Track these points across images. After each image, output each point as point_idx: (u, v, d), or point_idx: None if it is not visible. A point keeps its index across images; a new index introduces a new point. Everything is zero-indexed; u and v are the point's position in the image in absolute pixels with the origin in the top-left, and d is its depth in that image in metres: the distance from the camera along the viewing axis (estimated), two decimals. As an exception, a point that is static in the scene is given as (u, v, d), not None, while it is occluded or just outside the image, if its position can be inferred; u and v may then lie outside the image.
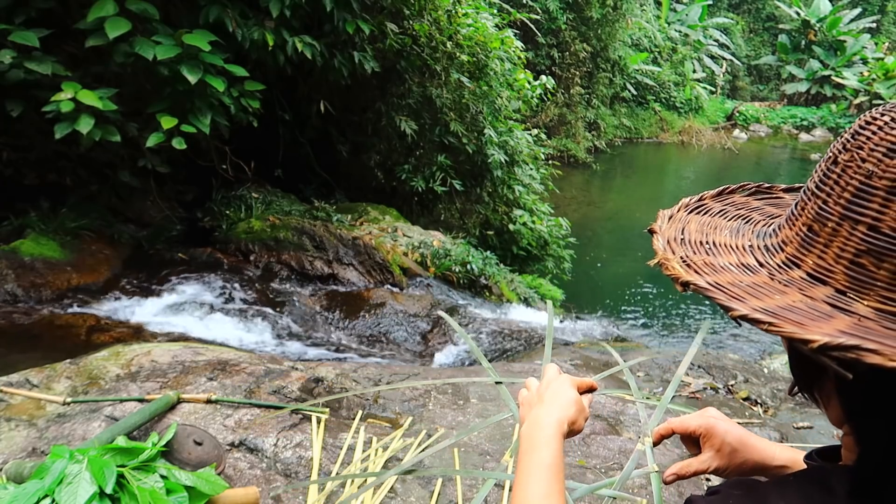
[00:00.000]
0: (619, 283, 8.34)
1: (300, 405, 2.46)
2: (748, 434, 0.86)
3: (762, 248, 0.63)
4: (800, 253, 0.57)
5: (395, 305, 4.72)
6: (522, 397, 0.92)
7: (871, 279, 0.52)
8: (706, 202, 0.76)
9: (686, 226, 0.69)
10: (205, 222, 5.70)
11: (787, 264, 0.58)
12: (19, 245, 4.39)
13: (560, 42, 13.70)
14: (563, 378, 0.92)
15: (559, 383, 0.90)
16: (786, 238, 0.60)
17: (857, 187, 0.53)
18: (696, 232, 0.68)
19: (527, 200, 7.09)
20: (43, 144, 4.50)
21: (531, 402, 0.89)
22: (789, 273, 0.57)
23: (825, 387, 0.60)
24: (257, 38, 4.57)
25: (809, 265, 0.56)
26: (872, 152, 0.53)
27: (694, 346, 1.08)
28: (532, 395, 0.91)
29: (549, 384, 0.90)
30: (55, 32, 4.04)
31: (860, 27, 20.79)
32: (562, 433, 0.82)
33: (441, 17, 6.02)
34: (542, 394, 0.89)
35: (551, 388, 0.89)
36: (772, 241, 0.63)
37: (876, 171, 0.52)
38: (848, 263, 0.53)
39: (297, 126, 6.22)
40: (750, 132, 20.40)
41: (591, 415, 2.63)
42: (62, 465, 1.63)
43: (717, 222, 0.71)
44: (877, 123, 0.54)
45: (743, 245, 0.65)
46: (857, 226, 0.53)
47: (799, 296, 0.53)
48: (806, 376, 0.62)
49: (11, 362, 2.94)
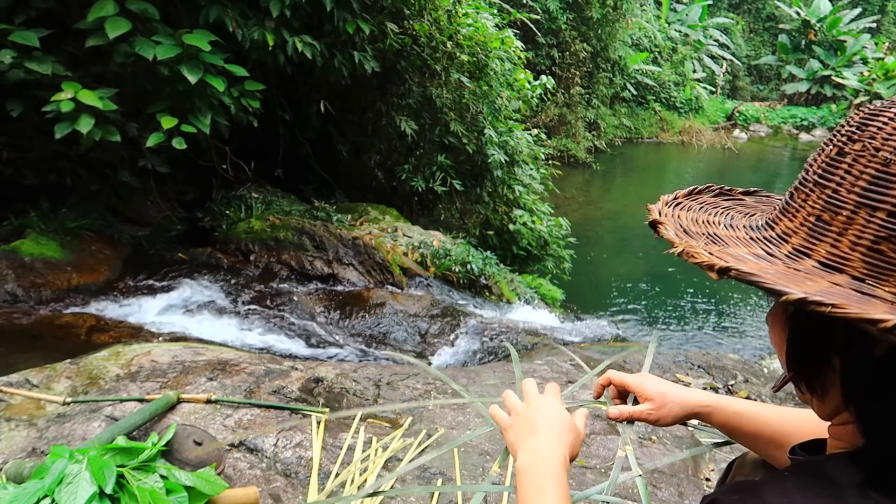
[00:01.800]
0: (619, 282, 8.34)
1: (300, 405, 2.46)
2: (678, 386, 0.95)
3: (763, 240, 0.63)
4: (809, 243, 0.58)
5: (395, 305, 4.72)
6: (505, 420, 0.88)
7: (890, 265, 0.53)
8: (681, 200, 0.76)
9: (679, 221, 0.68)
10: (205, 222, 5.70)
11: (796, 254, 0.58)
12: (19, 245, 4.39)
13: (560, 42, 13.70)
14: (550, 398, 0.88)
15: (551, 405, 0.86)
16: (787, 229, 0.61)
17: (874, 175, 0.54)
18: (693, 225, 0.68)
19: (527, 200, 7.09)
20: (43, 144, 4.50)
21: (523, 429, 0.84)
22: (801, 262, 0.57)
23: (827, 378, 0.60)
24: (257, 38, 4.57)
25: (822, 254, 0.56)
26: (887, 141, 0.54)
27: (649, 358, 1.10)
28: (520, 419, 0.86)
29: (540, 407, 0.86)
30: (55, 32, 4.04)
31: (860, 27, 20.78)
32: (567, 468, 0.79)
33: (441, 17, 6.02)
34: (534, 419, 0.84)
35: (543, 411, 0.85)
36: (769, 233, 0.63)
37: (893, 159, 0.53)
38: (865, 250, 0.54)
39: (297, 126, 6.22)
40: (750, 132, 20.40)
41: (591, 415, 2.63)
42: (62, 465, 1.63)
43: (704, 217, 0.71)
44: (886, 114, 0.56)
45: (742, 237, 0.65)
46: (875, 213, 0.53)
47: (826, 283, 0.53)
48: (807, 369, 0.63)
49: (11, 362, 2.94)
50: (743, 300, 7.87)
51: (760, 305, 7.72)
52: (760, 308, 7.64)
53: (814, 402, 0.65)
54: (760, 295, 8.12)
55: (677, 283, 8.25)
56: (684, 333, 6.84)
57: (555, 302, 6.34)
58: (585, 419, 0.91)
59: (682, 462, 2.34)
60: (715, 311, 7.49)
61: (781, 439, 0.87)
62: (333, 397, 2.61)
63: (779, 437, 0.88)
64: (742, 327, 7.07)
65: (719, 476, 0.99)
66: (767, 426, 0.90)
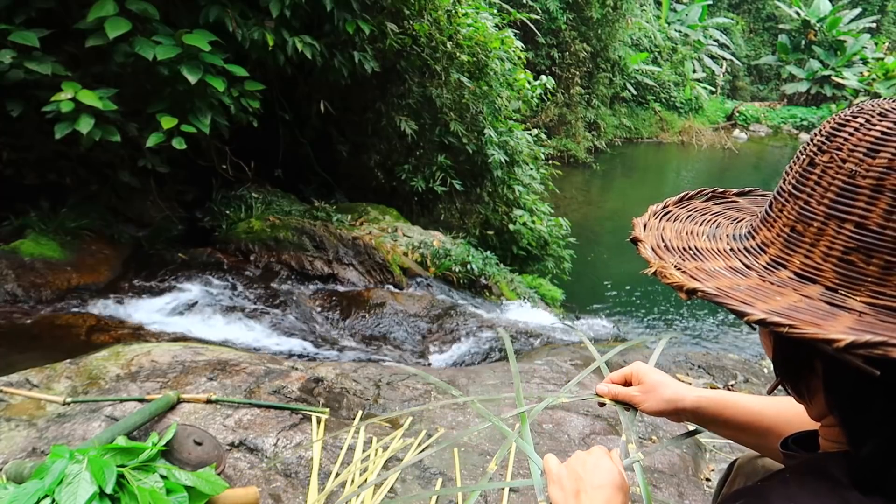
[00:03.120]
0: (619, 282, 8.34)
1: (300, 405, 2.46)
2: (671, 379, 0.99)
3: (743, 251, 0.63)
4: (784, 253, 0.58)
5: (395, 305, 4.73)
6: (550, 483, 0.81)
7: (861, 275, 0.53)
8: (671, 209, 0.77)
9: (663, 233, 0.69)
10: (205, 222, 5.70)
11: (772, 265, 0.59)
12: (19, 245, 4.39)
13: (560, 42, 13.70)
14: (598, 454, 0.82)
15: (598, 461, 0.80)
16: (766, 239, 0.61)
17: (841, 187, 0.54)
18: (675, 238, 0.68)
19: (527, 200, 7.09)
20: (43, 144, 4.49)
21: (570, 492, 0.78)
22: (777, 274, 0.58)
23: (811, 383, 0.61)
24: (257, 38, 4.57)
25: (797, 265, 0.57)
26: (853, 152, 0.54)
27: (656, 353, 1.12)
28: (567, 484, 0.78)
29: (586, 465, 0.79)
30: (55, 32, 4.04)
31: (860, 27, 20.78)
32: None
33: (441, 17, 6.02)
34: (581, 483, 0.77)
35: (592, 472, 0.78)
36: (750, 243, 0.64)
37: (859, 171, 0.53)
38: (836, 261, 0.54)
39: (297, 126, 6.22)
40: (750, 132, 20.40)
41: (592, 415, 2.63)
42: (62, 465, 1.63)
43: (690, 227, 0.72)
44: (852, 125, 0.56)
45: (723, 249, 0.65)
46: (843, 224, 0.54)
47: (796, 296, 0.54)
48: (792, 374, 0.63)
49: (11, 362, 2.94)
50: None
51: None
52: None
53: (804, 403, 0.66)
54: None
55: (677, 283, 8.23)
56: (684, 333, 6.84)
57: (555, 302, 6.34)
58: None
59: (682, 462, 2.34)
60: (715, 312, 7.49)
61: (768, 431, 0.90)
62: (333, 397, 2.61)
63: (766, 430, 0.90)
64: (742, 327, 7.07)
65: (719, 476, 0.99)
66: (753, 419, 0.92)
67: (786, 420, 0.89)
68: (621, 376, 1.02)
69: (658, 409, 0.96)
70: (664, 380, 0.98)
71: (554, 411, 2.59)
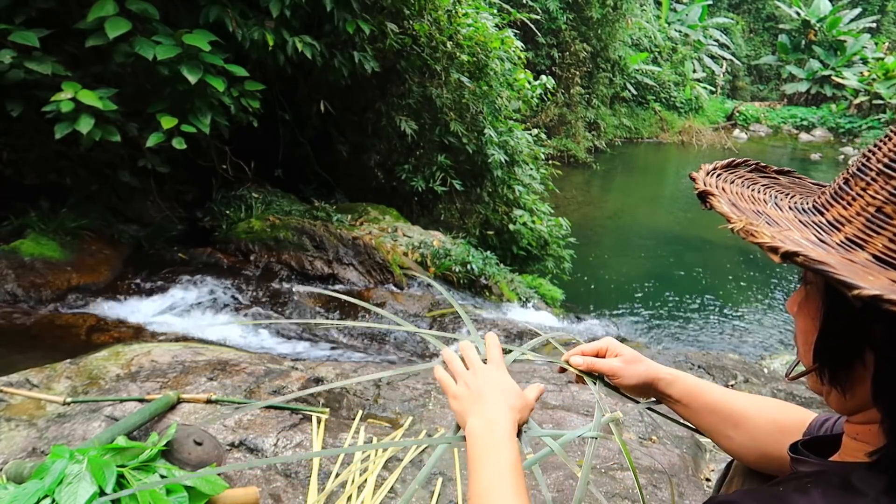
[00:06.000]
0: (619, 282, 8.34)
1: (300, 405, 2.46)
2: (643, 356, 1.00)
3: (812, 225, 0.58)
4: (865, 234, 0.54)
5: (395, 305, 4.73)
6: (452, 389, 0.87)
7: None
8: (720, 172, 0.71)
9: (728, 194, 0.63)
10: (205, 222, 5.70)
11: (847, 244, 0.54)
12: (19, 245, 4.39)
13: (560, 42, 13.70)
14: (494, 366, 0.88)
15: (497, 374, 0.86)
16: (840, 217, 0.57)
17: None
18: (740, 200, 0.63)
19: (527, 200, 7.09)
20: (43, 144, 4.49)
21: (470, 397, 0.84)
22: (854, 254, 0.53)
23: (855, 372, 0.58)
24: (257, 38, 4.57)
25: (878, 247, 0.52)
26: None
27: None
28: (467, 388, 0.85)
29: (487, 375, 0.86)
30: (55, 32, 4.04)
31: (860, 27, 20.79)
32: (516, 430, 0.80)
33: (441, 17, 6.02)
34: (480, 387, 0.84)
35: (489, 379, 0.85)
36: (818, 218, 0.59)
37: None
38: None
39: (297, 126, 6.22)
40: (750, 132, 20.42)
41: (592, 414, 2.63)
42: (62, 465, 1.63)
43: (749, 192, 0.66)
44: None
45: (792, 219, 0.60)
46: None
47: (885, 279, 0.49)
48: (837, 360, 0.60)
49: (11, 362, 2.94)
50: (743, 299, 7.88)
51: (761, 304, 7.73)
52: (761, 307, 7.64)
53: (832, 395, 0.62)
54: (761, 293, 8.03)
55: (677, 282, 8.25)
56: (684, 333, 6.84)
57: (555, 302, 6.34)
58: (539, 392, 0.91)
59: (682, 462, 2.34)
60: (715, 311, 7.49)
61: (739, 420, 0.90)
62: (333, 397, 2.61)
63: (737, 418, 0.90)
64: (742, 327, 7.07)
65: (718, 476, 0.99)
66: (726, 404, 0.92)
67: (757, 410, 0.89)
68: (594, 349, 1.01)
69: (635, 382, 0.96)
70: (639, 355, 0.99)
71: (554, 411, 2.59)
